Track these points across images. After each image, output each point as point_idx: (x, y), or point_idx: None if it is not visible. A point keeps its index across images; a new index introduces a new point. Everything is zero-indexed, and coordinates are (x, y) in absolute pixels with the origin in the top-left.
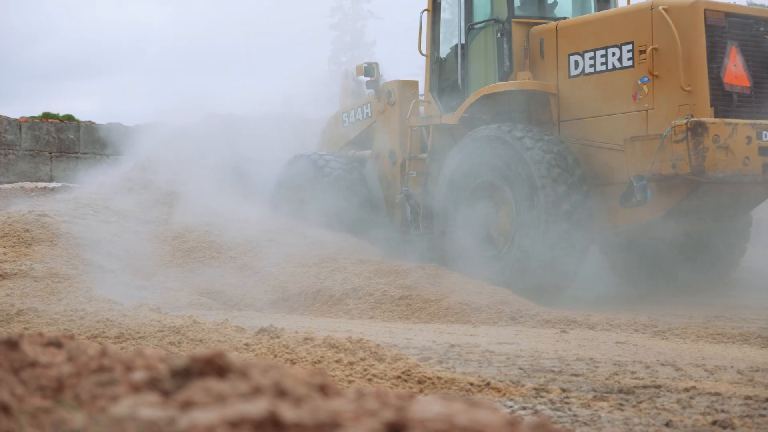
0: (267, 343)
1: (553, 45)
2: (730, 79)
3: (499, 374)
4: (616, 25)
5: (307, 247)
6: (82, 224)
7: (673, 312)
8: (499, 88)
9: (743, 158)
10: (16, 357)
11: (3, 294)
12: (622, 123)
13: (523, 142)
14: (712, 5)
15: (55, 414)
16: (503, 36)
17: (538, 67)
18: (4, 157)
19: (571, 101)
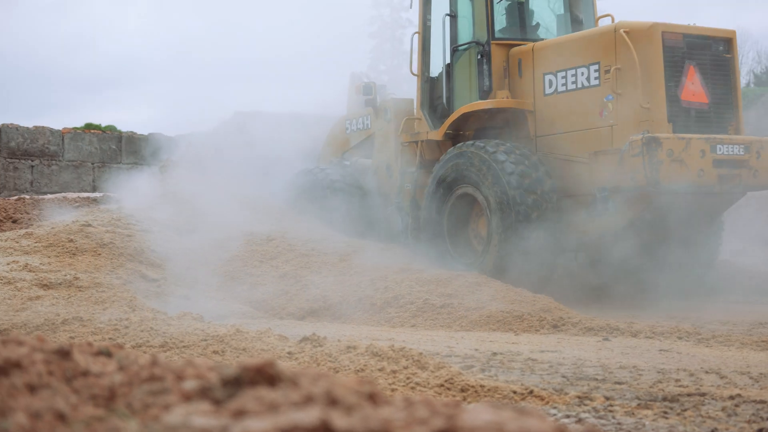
0: (310, 352)
1: (530, 65)
2: (688, 96)
3: (542, 382)
4: (585, 47)
5: (348, 255)
6: (125, 234)
7: (716, 319)
8: (479, 106)
9: (698, 170)
10: (69, 366)
11: (48, 304)
12: (589, 138)
13: (496, 156)
14: (669, 27)
15: (108, 422)
16: (483, 57)
17: (516, 86)
18: (47, 167)
19: (546, 118)
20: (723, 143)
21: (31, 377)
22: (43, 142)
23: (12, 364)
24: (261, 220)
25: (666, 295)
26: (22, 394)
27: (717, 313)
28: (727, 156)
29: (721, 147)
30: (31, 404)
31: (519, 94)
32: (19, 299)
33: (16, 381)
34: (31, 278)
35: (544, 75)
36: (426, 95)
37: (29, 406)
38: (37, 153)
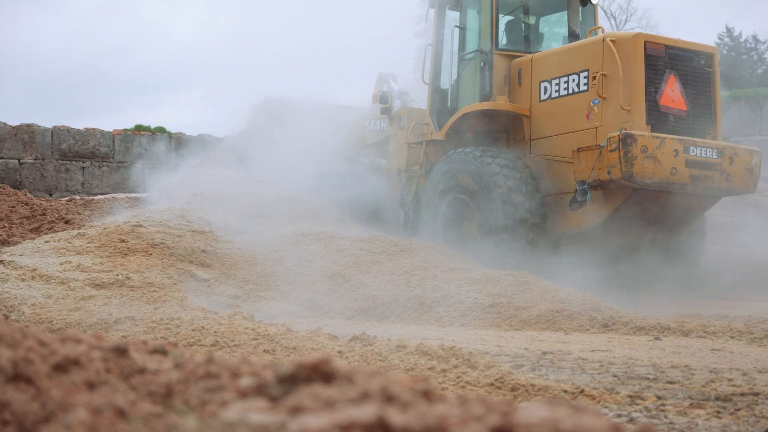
0: (360, 351)
1: (529, 73)
2: (667, 101)
3: (593, 381)
4: (576, 56)
5: (397, 255)
6: (175, 234)
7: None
8: (477, 107)
9: (670, 168)
10: (125, 364)
11: (101, 303)
12: (577, 139)
13: (483, 159)
14: (652, 38)
15: (167, 419)
16: (485, 65)
17: (516, 93)
18: (98, 169)
19: (540, 122)
20: (696, 145)
21: (89, 374)
22: (94, 143)
23: (71, 361)
24: (309, 220)
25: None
26: (81, 390)
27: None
28: (700, 158)
29: (695, 149)
30: (91, 400)
31: (518, 101)
32: (72, 299)
33: (75, 378)
34: (83, 278)
35: (540, 82)
36: (436, 103)
37: (89, 402)
38: (88, 154)
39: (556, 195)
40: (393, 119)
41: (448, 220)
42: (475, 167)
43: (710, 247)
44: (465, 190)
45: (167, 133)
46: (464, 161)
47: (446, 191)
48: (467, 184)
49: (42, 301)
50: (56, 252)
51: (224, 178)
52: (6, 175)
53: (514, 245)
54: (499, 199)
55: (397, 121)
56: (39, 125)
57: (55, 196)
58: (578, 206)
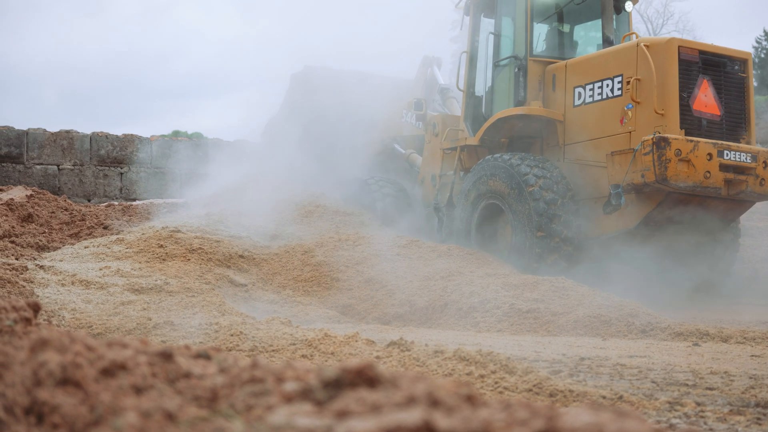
0: (398, 356)
1: (563, 79)
2: (700, 106)
3: (632, 387)
4: (610, 61)
5: (434, 260)
6: (213, 240)
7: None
8: (511, 112)
9: (704, 172)
10: (171, 368)
11: (140, 308)
12: (611, 144)
13: (520, 168)
14: (686, 43)
15: (214, 422)
16: (520, 70)
17: (550, 99)
18: (136, 174)
19: (574, 127)
20: (730, 149)
21: (136, 379)
22: (132, 149)
23: (118, 366)
24: (346, 225)
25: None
26: (129, 395)
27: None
28: (734, 162)
29: (729, 153)
30: (140, 404)
31: (552, 106)
32: (111, 304)
33: (122, 382)
34: (123, 283)
35: (574, 88)
36: (470, 109)
37: (138, 406)
38: (126, 160)
39: (590, 199)
40: (427, 125)
41: (481, 225)
42: (509, 173)
43: (744, 251)
44: (499, 196)
45: (204, 139)
46: (498, 167)
47: (480, 197)
48: (501, 190)
49: (82, 306)
50: (95, 257)
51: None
52: (45, 181)
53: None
54: (533, 204)
55: (431, 127)
56: (78, 131)
57: (93, 202)
58: (612, 210)
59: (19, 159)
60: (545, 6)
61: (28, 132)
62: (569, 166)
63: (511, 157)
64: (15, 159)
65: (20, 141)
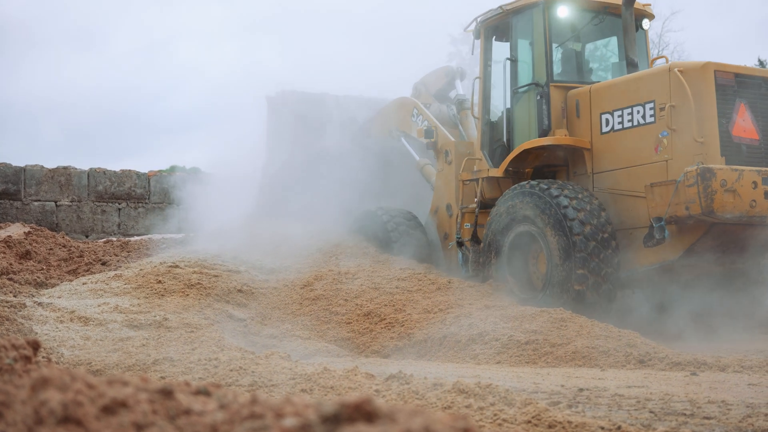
0: (397, 390)
1: (587, 105)
2: (739, 132)
3: (630, 418)
4: (641, 87)
5: (432, 293)
6: (211, 274)
7: None
8: (538, 143)
9: (750, 201)
10: (172, 405)
11: (139, 344)
12: (646, 173)
13: (560, 200)
14: (721, 67)
15: None
16: (542, 98)
17: (574, 126)
18: (134, 210)
19: (603, 155)
20: None
21: (137, 416)
22: (130, 185)
23: (119, 403)
24: (346, 256)
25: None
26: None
27: None
28: None
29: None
30: None
31: (577, 133)
32: (110, 340)
33: (123, 419)
34: (121, 319)
35: (601, 114)
36: (486, 137)
37: None
38: (124, 196)
39: (625, 230)
40: (439, 153)
41: (512, 257)
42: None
43: None
44: (531, 224)
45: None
46: (532, 195)
47: (509, 227)
48: (535, 220)
49: (80, 343)
50: (94, 294)
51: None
52: (43, 217)
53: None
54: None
55: (443, 156)
56: (75, 167)
57: (91, 238)
58: (656, 243)
59: (17, 196)
60: (564, 27)
61: (26, 168)
62: (600, 196)
63: (549, 186)
64: (12, 196)
65: (18, 177)
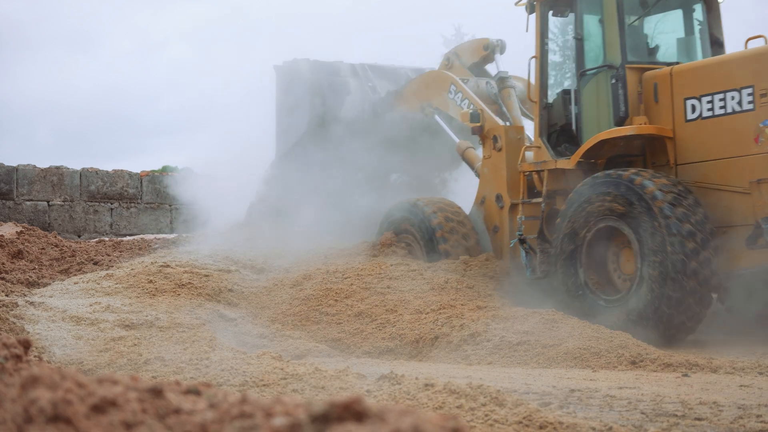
0: (388, 390)
1: (668, 89)
2: None
3: (621, 419)
4: (735, 70)
5: (425, 293)
6: (202, 274)
7: None
8: (619, 132)
9: None
10: (161, 404)
11: (130, 344)
12: (744, 166)
13: (655, 193)
14: None
15: None
16: (618, 81)
17: (652, 112)
18: (126, 210)
19: (689, 145)
20: None
21: (126, 415)
22: (122, 185)
23: (108, 402)
24: (337, 257)
25: None
26: (119, 431)
27: None
28: None
29: None
30: None
31: (655, 120)
32: (101, 340)
33: (112, 418)
34: (113, 319)
35: (686, 100)
36: (545, 122)
37: None
38: (116, 196)
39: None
40: (486, 138)
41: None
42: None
43: None
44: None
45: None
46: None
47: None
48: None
49: (72, 342)
50: (85, 293)
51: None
52: (35, 217)
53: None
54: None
55: (491, 142)
56: (68, 167)
57: (83, 238)
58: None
59: (9, 195)
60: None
61: (18, 168)
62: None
63: (639, 177)
64: (5, 195)
65: (10, 177)
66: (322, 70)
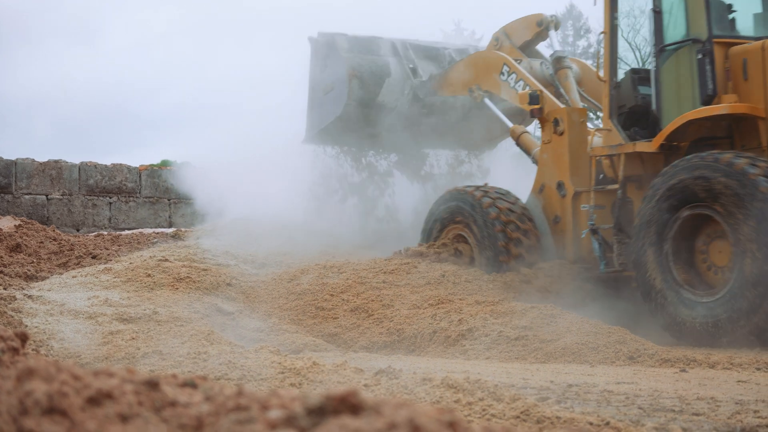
0: (386, 385)
1: (759, 65)
2: None
3: (619, 414)
4: None
5: (422, 288)
6: (201, 268)
7: None
8: (708, 112)
9: None
10: (157, 397)
11: (128, 338)
12: None
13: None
14: None
15: None
16: (705, 56)
17: (741, 90)
18: (125, 204)
19: None
20: None
21: (122, 407)
22: (121, 179)
23: (104, 394)
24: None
25: None
26: (115, 423)
27: None
28: None
29: None
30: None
31: (745, 99)
32: (99, 333)
33: (108, 411)
34: (111, 312)
35: None
36: (614, 103)
37: None
38: (115, 190)
39: None
40: (545, 121)
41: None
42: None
43: None
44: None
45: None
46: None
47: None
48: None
49: (70, 336)
50: (84, 287)
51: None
52: (34, 210)
53: None
54: None
55: (551, 125)
56: (66, 161)
57: (82, 232)
58: None
59: (8, 189)
60: None
61: (17, 162)
62: None
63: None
64: (3, 189)
65: (8, 171)
66: (360, 47)
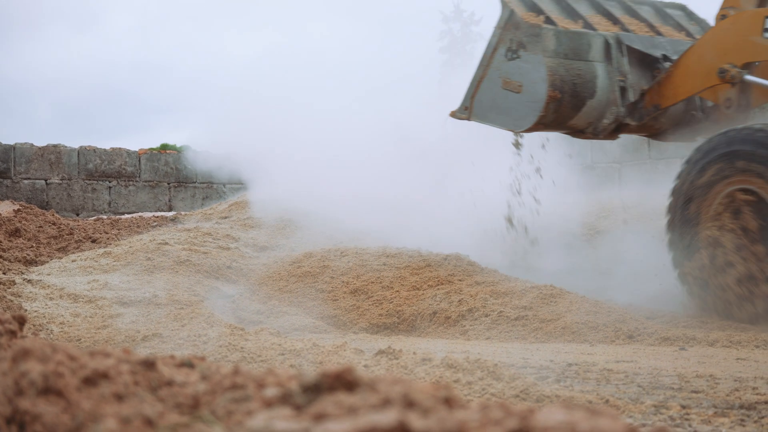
0: (386, 365)
1: None
2: None
3: (618, 392)
4: None
5: (422, 270)
6: (201, 251)
7: None
8: None
9: None
10: (153, 377)
11: (128, 321)
12: None
13: None
14: None
15: (193, 428)
16: None
17: None
18: (124, 188)
19: None
20: None
21: (118, 387)
22: (120, 163)
23: (100, 374)
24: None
25: None
26: (110, 402)
27: None
28: None
29: None
30: (120, 411)
31: None
32: (99, 317)
33: (104, 391)
34: (111, 296)
35: None
36: None
37: (118, 412)
38: (115, 174)
39: None
40: None
41: None
42: None
43: None
44: None
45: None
46: None
47: None
48: None
49: (70, 320)
50: (83, 271)
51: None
52: (33, 195)
53: None
54: None
55: None
56: (65, 145)
57: (81, 216)
58: None
59: (6, 174)
60: None
61: (15, 146)
62: None
63: None
64: (2, 174)
65: (7, 156)
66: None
